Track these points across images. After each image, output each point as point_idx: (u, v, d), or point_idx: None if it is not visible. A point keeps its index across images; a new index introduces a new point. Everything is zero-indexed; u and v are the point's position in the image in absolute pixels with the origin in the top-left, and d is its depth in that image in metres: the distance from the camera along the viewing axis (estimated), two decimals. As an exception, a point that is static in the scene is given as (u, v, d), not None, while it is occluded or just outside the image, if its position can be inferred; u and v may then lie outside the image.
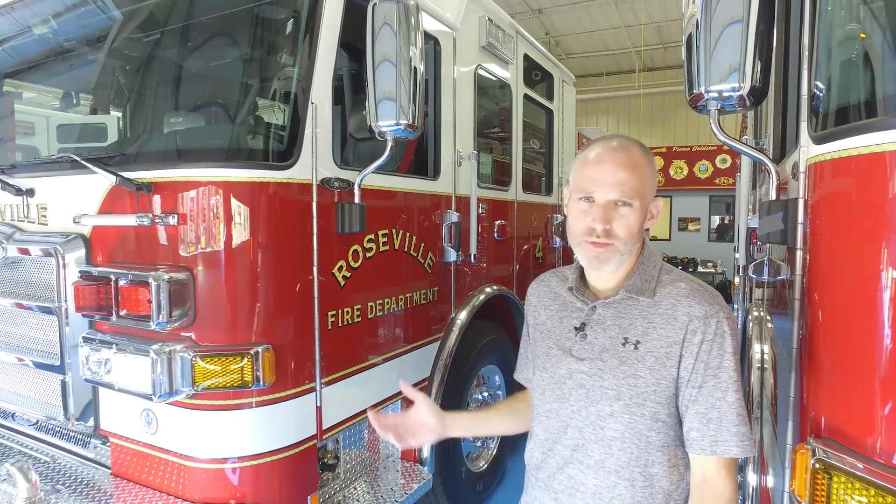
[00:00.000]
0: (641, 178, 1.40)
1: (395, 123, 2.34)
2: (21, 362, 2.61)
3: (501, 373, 4.27)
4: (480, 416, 1.79)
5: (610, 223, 1.38)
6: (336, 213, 2.48)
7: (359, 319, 2.69)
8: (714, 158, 14.60)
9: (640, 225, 1.41)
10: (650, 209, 1.44)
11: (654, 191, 1.46)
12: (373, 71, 2.31)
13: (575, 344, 1.48)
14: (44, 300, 2.48)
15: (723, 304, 1.39)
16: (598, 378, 1.42)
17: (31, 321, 2.59)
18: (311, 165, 2.35)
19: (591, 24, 15.87)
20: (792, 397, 1.59)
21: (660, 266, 1.47)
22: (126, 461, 2.44)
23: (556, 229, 5.33)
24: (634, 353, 1.38)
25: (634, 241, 1.42)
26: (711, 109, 1.76)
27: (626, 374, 1.37)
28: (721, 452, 1.30)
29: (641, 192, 1.40)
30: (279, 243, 2.28)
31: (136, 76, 2.85)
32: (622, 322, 1.42)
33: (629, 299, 1.43)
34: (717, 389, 1.31)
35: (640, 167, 1.41)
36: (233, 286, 2.18)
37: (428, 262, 3.24)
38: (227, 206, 2.17)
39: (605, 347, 1.42)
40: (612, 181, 1.38)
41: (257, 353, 2.14)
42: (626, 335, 1.40)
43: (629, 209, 1.39)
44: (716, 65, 1.71)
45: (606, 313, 1.45)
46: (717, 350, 1.32)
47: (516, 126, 4.51)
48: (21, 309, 2.59)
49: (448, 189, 3.44)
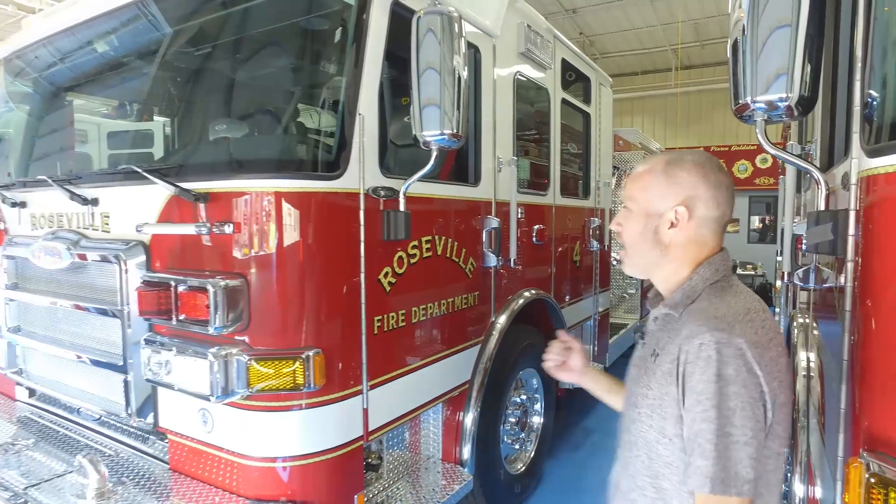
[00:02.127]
0: (643, 185, 1.44)
1: (440, 133, 2.39)
2: (86, 361, 2.75)
3: (539, 376, 4.30)
4: (613, 387, 1.81)
5: (620, 226, 1.49)
6: (382, 220, 2.55)
7: (403, 324, 2.76)
8: (754, 158, 14.28)
9: (639, 231, 1.44)
10: (665, 216, 1.40)
11: (668, 199, 1.40)
12: (417, 81, 2.37)
13: (638, 349, 1.55)
14: (107, 303, 2.62)
15: (721, 328, 1.24)
16: (633, 384, 1.47)
17: (95, 322, 2.74)
18: (358, 175, 2.43)
19: (626, 22, 15.68)
20: (843, 408, 1.58)
21: (708, 284, 1.39)
22: (183, 457, 2.57)
23: (594, 233, 5.33)
24: (653, 365, 1.38)
25: (640, 249, 1.46)
26: (758, 120, 1.74)
27: (643, 384, 1.39)
28: (689, 486, 1.23)
29: (637, 197, 1.44)
30: (328, 250, 2.36)
31: (192, 90, 2.99)
32: (659, 334, 1.43)
33: (667, 314, 1.42)
34: (694, 416, 1.22)
35: (646, 175, 1.44)
36: (285, 292, 2.28)
37: (469, 267, 3.30)
38: (280, 215, 2.26)
39: (644, 356, 1.46)
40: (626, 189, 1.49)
41: (308, 357, 2.23)
42: (655, 347, 1.41)
43: (628, 213, 1.47)
44: (762, 73, 1.66)
45: (654, 324, 1.49)
46: (698, 372, 1.22)
47: (554, 130, 4.53)
48: (85, 311, 2.74)
49: (488, 195, 3.49)
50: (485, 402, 3.46)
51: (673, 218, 1.39)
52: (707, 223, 1.40)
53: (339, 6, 2.50)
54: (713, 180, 1.39)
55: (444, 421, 3.38)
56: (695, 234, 1.41)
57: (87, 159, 3.46)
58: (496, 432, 3.72)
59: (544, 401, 4.37)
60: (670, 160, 1.44)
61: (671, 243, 1.42)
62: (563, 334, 1.92)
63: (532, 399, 4.29)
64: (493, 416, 3.64)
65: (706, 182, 1.39)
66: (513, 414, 4.06)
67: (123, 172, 2.67)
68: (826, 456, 1.89)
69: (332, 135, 2.39)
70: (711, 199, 1.39)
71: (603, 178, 5.66)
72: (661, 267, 1.46)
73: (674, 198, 1.40)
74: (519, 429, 4.13)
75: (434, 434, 3.42)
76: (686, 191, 1.39)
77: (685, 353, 1.25)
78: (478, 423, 3.39)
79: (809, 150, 2.81)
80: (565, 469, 4.73)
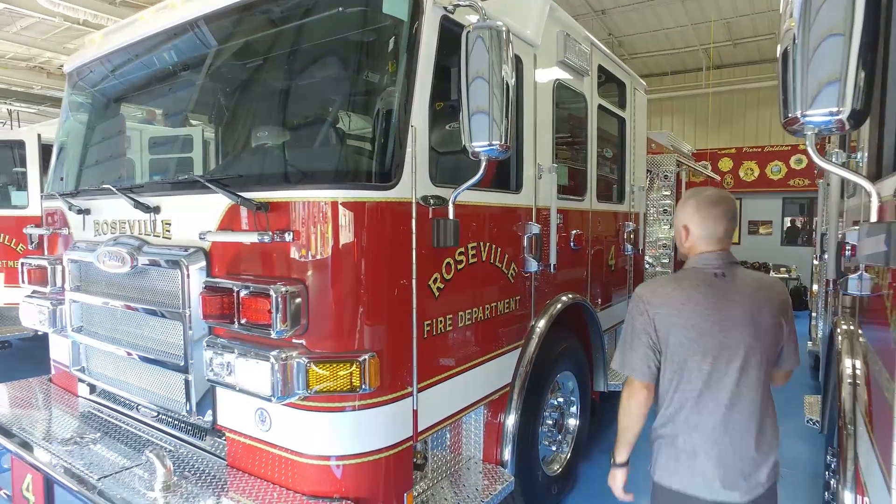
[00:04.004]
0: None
1: (489, 144, 2.47)
2: (149, 361, 2.90)
3: (576, 379, 4.35)
4: None
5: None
6: (432, 228, 2.64)
7: (450, 328, 2.84)
8: (788, 159, 14.05)
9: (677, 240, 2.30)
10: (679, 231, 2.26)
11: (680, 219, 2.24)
12: (467, 94, 2.44)
13: None
14: (171, 307, 2.76)
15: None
16: None
17: (157, 325, 2.88)
18: (410, 185, 2.52)
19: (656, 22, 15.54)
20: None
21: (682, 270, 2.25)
22: (241, 454, 2.69)
23: (629, 237, 5.35)
24: None
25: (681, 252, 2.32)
26: (808, 134, 1.75)
27: None
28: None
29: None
30: (382, 258, 2.46)
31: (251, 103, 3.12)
32: None
33: None
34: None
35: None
36: (341, 298, 2.38)
37: (511, 272, 3.37)
38: (336, 223, 2.36)
39: None
40: None
41: (364, 360, 2.32)
42: None
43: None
44: (813, 85, 1.62)
45: None
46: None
47: (591, 136, 4.57)
48: (150, 314, 2.88)
49: (529, 202, 3.55)
50: (525, 404, 3.53)
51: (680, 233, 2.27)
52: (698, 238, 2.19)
53: (391, 21, 2.59)
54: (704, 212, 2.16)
55: (485, 422, 3.45)
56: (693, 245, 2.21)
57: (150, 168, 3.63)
58: (535, 434, 3.78)
59: (580, 403, 4.41)
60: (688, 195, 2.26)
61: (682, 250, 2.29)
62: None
63: (568, 401, 4.34)
64: (531, 418, 3.70)
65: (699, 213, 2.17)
66: (550, 416, 4.11)
67: (186, 182, 2.80)
68: (878, 465, 1.91)
69: (386, 146, 2.48)
70: (698, 223, 2.17)
71: (637, 183, 5.68)
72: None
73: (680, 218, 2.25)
74: (556, 431, 4.19)
75: (475, 435, 3.49)
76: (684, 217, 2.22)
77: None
78: (518, 425, 3.46)
79: (856, 158, 2.82)
80: (599, 471, 4.75)
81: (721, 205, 2.15)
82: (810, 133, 1.77)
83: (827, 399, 3.82)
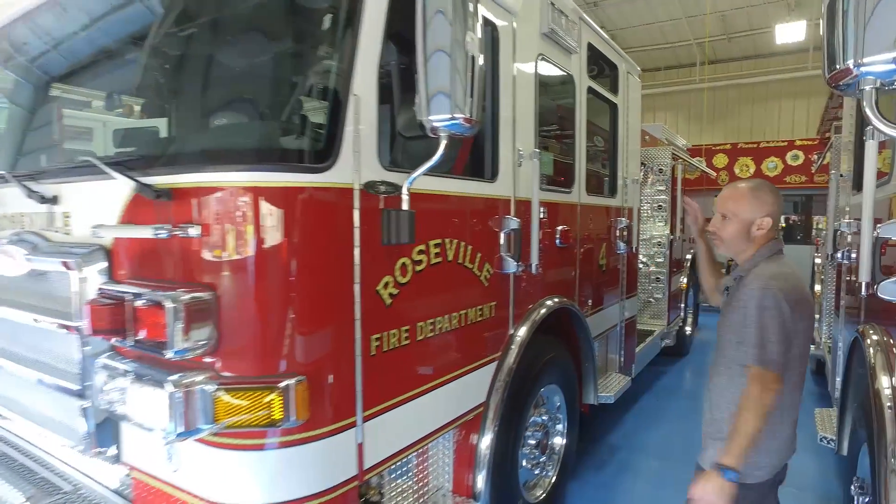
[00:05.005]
0: (737, 203, 2.26)
1: (450, 118, 2.00)
2: (42, 383, 2.40)
3: (562, 393, 3.88)
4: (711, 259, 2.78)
5: (717, 228, 2.33)
6: (381, 221, 2.16)
7: (407, 342, 2.36)
8: (784, 155, 13.61)
9: (738, 232, 2.26)
10: (756, 222, 2.24)
11: (758, 211, 2.23)
12: (424, 59, 1.97)
13: (724, 296, 2.48)
14: (63, 317, 2.26)
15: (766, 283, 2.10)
16: (723, 319, 2.33)
17: (52, 339, 2.38)
18: (352, 167, 2.04)
19: (649, 15, 15.15)
20: None
21: (769, 258, 2.23)
22: (148, 498, 2.20)
23: (621, 234, 4.88)
24: (731, 304, 2.25)
25: (737, 242, 2.28)
26: (866, 89, 1.33)
27: (729, 317, 2.24)
28: (748, 362, 2.08)
29: (735, 211, 2.26)
30: (316, 258, 1.97)
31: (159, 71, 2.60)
32: (736, 287, 2.29)
33: (739, 276, 2.28)
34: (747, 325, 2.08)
35: (739, 197, 2.27)
36: (261, 308, 1.89)
37: (485, 274, 2.89)
38: (256, 215, 1.87)
39: (728, 302, 2.34)
40: (720, 204, 2.31)
41: (288, 387, 1.84)
42: (733, 294, 2.27)
43: (727, 221, 2.28)
44: (874, 29, 1.30)
45: (734, 283, 2.35)
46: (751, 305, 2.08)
47: (580, 121, 4.11)
48: (42, 325, 2.39)
49: (507, 192, 3.08)
50: (502, 424, 3.07)
51: (761, 224, 2.24)
52: (774, 226, 2.26)
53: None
54: (780, 202, 2.28)
55: (455, 446, 2.98)
56: (767, 232, 2.25)
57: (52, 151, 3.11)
58: (514, 457, 3.31)
59: (567, 420, 3.95)
60: (754, 186, 2.28)
61: (755, 238, 2.25)
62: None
63: (554, 419, 3.87)
64: (510, 440, 3.23)
65: (779, 202, 2.26)
66: (532, 436, 3.64)
67: (82, 165, 2.30)
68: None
69: (321, 120, 1.99)
70: (778, 212, 2.26)
71: (631, 175, 5.22)
72: (745, 251, 2.28)
73: (763, 210, 2.23)
74: (539, 452, 3.72)
75: (445, 462, 3.02)
76: (769, 207, 2.24)
77: (746, 297, 2.11)
78: (494, 448, 3.00)
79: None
80: (589, 491, 4.31)
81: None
82: (869, 88, 1.35)
83: (846, 416, 3.37)
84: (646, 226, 7.25)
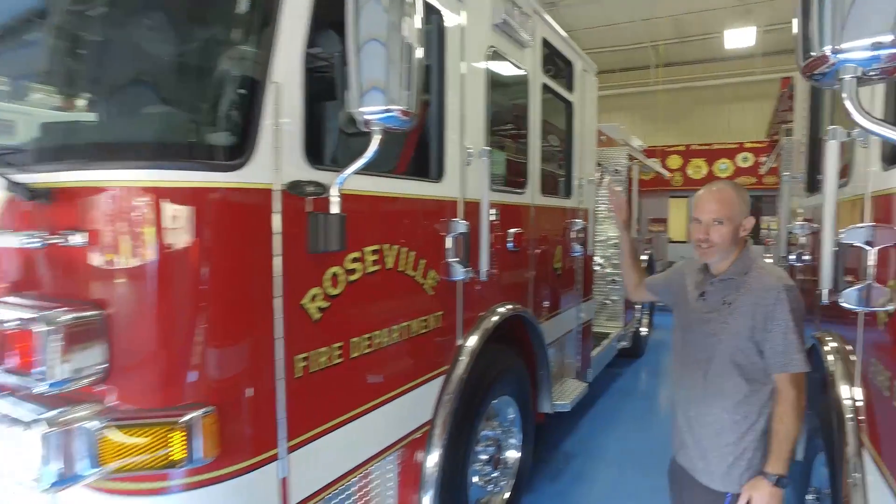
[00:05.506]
0: (731, 206, 2.12)
1: (385, 110, 1.78)
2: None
3: (516, 404, 3.70)
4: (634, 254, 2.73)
5: (709, 235, 2.12)
6: (308, 226, 1.91)
7: (339, 361, 2.12)
8: (734, 157, 13.90)
9: (731, 234, 2.11)
10: (743, 224, 2.14)
11: (745, 212, 2.15)
12: (356, 47, 1.75)
13: (699, 302, 2.24)
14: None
15: (786, 282, 2.05)
16: (704, 324, 2.18)
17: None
18: (271, 165, 1.78)
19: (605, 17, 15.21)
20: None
21: (754, 259, 2.16)
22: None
23: (577, 236, 4.74)
24: (727, 308, 2.11)
25: (729, 244, 2.13)
26: (846, 78, 1.17)
27: (720, 321, 2.12)
28: (791, 370, 2.00)
29: (729, 215, 2.11)
30: (227, 270, 1.71)
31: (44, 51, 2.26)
32: (723, 291, 2.16)
33: (728, 279, 2.16)
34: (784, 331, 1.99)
35: (730, 200, 2.13)
36: (161, 329, 1.62)
37: (429, 281, 2.67)
38: (156, 221, 1.60)
39: (713, 306, 2.17)
40: (709, 209, 2.13)
41: (192, 421, 1.57)
42: (724, 298, 2.14)
43: (721, 226, 2.11)
44: (857, 12, 1.13)
45: (712, 286, 2.21)
46: (780, 308, 1.99)
47: (534, 119, 3.93)
48: None
49: (454, 193, 2.86)
50: (450, 440, 2.86)
51: (745, 224, 2.15)
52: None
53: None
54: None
55: (400, 467, 2.75)
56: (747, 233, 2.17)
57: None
58: (463, 474, 3.11)
59: (522, 432, 3.77)
60: (736, 187, 2.18)
61: (740, 239, 2.15)
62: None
63: (507, 431, 3.68)
64: (459, 457, 3.03)
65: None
66: (484, 451, 3.45)
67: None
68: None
69: (233, 110, 1.73)
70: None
71: (587, 176, 5.09)
72: (729, 255, 2.16)
73: (746, 212, 2.16)
74: (492, 467, 3.52)
75: (389, 484, 2.78)
76: (748, 206, 2.17)
77: (765, 299, 2.02)
78: (441, 466, 2.79)
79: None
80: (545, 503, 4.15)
81: None
82: (848, 78, 1.19)
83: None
84: (602, 227, 7.17)
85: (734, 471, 2.11)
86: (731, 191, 2.14)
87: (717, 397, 2.13)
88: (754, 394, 2.08)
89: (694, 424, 2.23)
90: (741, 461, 2.10)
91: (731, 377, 2.10)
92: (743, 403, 2.09)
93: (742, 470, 2.10)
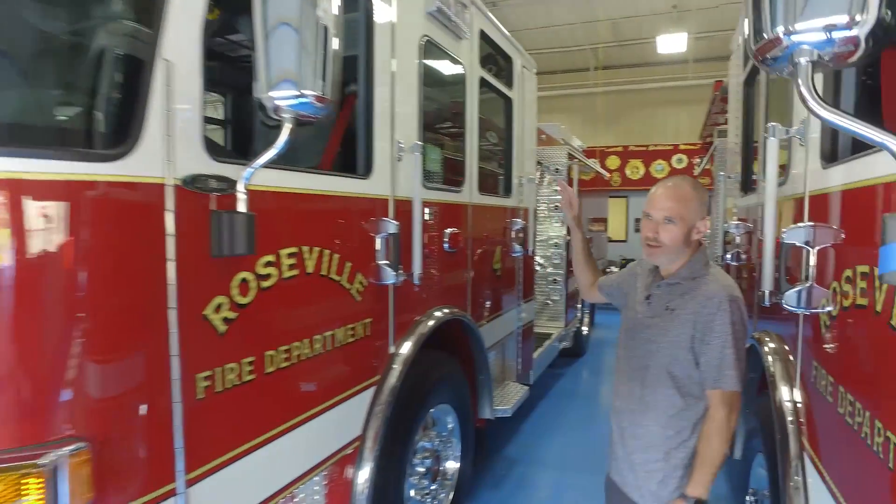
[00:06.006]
0: (685, 205, 1.96)
1: (298, 95, 1.57)
2: None
3: (455, 412, 3.54)
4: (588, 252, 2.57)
5: (658, 233, 1.97)
6: (210, 227, 1.67)
7: (251, 377, 1.89)
8: (670, 158, 14.30)
9: (682, 236, 1.96)
10: (697, 226, 1.98)
11: (701, 213, 1.99)
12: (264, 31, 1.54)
13: (644, 305, 2.11)
14: None
15: (731, 292, 1.92)
16: (645, 330, 2.06)
17: None
18: (162, 155, 1.54)
19: (546, 18, 15.35)
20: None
21: (706, 264, 2.02)
22: None
23: (517, 236, 4.63)
24: (669, 315, 1.98)
25: (679, 246, 1.98)
26: (801, 62, 1.06)
27: (661, 328, 2.00)
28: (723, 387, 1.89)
29: (682, 214, 1.95)
30: (106, 278, 1.45)
31: None
32: (667, 296, 2.03)
33: (676, 283, 2.02)
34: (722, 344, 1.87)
35: (685, 198, 1.97)
36: (18, 348, 1.35)
37: (356, 286, 2.46)
38: (15, 221, 1.33)
39: (656, 311, 2.04)
40: (662, 206, 1.97)
41: (55, 462, 1.31)
42: (668, 304, 2.01)
43: (671, 225, 1.96)
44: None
45: (658, 290, 2.07)
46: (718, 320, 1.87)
47: (471, 115, 3.78)
48: None
49: (384, 190, 2.67)
50: (383, 454, 2.67)
51: (700, 227, 1.99)
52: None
53: None
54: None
55: (327, 487, 2.53)
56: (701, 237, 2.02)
57: None
58: (399, 490, 2.93)
59: (461, 441, 3.61)
60: (695, 185, 2.02)
61: (693, 242, 2.00)
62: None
63: (446, 441, 3.52)
64: (394, 471, 2.85)
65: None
66: (421, 463, 3.27)
67: None
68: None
69: (113, 89, 1.48)
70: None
71: (527, 174, 5.00)
72: (679, 257, 2.01)
73: (703, 213, 2.00)
74: (430, 480, 3.35)
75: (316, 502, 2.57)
76: (706, 208, 2.02)
77: (707, 307, 1.90)
78: (374, 482, 2.59)
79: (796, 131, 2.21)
80: (487, 514, 4.01)
81: None
82: (803, 61, 1.08)
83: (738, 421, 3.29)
84: (542, 226, 7.14)
85: (663, 490, 1.98)
86: (688, 188, 1.98)
87: (651, 409, 2.01)
88: (689, 408, 1.96)
89: (626, 436, 2.10)
90: (671, 479, 1.98)
91: (666, 389, 1.97)
92: (676, 418, 1.97)
93: (672, 489, 1.97)
